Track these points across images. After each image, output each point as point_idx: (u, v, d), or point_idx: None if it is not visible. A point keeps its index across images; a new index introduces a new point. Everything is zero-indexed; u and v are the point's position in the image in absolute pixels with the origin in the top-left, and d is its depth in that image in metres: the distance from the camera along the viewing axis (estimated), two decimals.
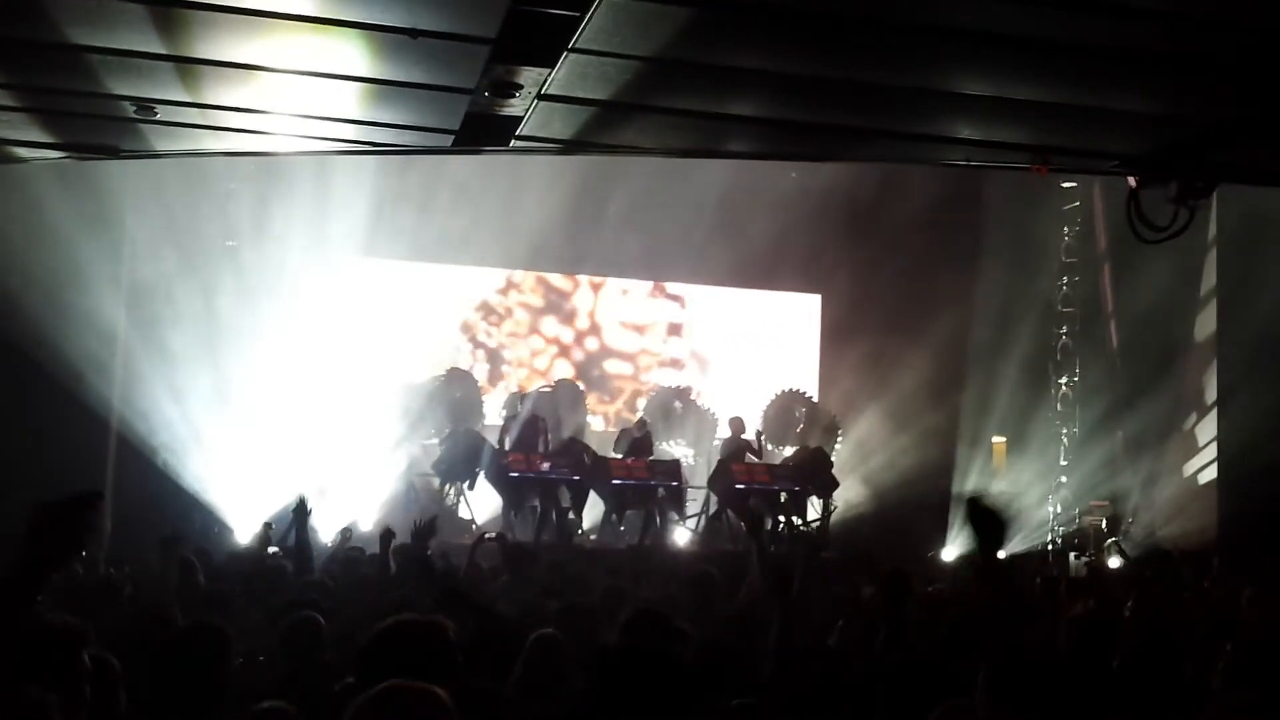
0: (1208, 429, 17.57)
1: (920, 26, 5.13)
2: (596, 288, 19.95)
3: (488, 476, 15.94)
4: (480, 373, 18.99)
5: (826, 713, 4.33)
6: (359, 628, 4.92)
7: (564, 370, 19.45)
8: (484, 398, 18.57)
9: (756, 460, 17.23)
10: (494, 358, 19.49)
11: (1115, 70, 5.52)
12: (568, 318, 19.91)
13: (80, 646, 3.87)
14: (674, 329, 20.32)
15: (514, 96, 5.80)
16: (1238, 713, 3.83)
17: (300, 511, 9.97)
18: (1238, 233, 16.38)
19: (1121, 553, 17.16)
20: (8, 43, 5.57)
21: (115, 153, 7.38)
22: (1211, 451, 17.36)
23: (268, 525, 10.89)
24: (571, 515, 15.79)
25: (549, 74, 5.47)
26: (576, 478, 15.88)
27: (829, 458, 17.79)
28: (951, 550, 17.57)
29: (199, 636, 4.70)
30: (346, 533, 11.62)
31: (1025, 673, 3.65)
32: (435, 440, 16.89)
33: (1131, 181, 6.91)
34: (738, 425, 17.53)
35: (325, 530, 13.39)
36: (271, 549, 10.27)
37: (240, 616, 6.45)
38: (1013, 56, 5.39)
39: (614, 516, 16.18)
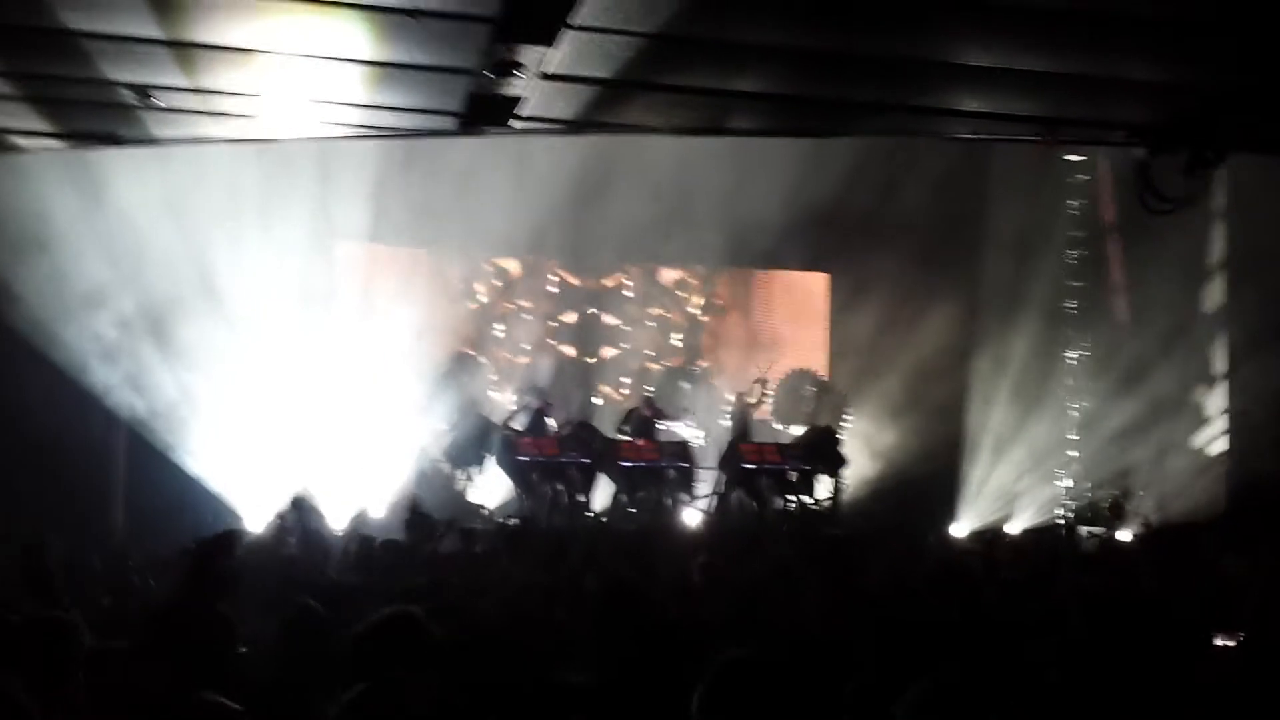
0: (1217, 400, 17.50)
1: None
2: (603, 271, 19.86)
3: (498, 461, 15.92)
4: (487, 356, 18.92)
5: None
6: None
7: (572, 353, 19.35)
8: (492, 382, 18.52)
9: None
10: (502, 342, 19.42)
11: (1124, 40, 5.45)
12: (575, 301, 19.83)
13: (73, 639, 3.88)
14: (682, 310, 20.23)
15: (515, 76, 5.75)
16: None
17: (301, 505, 10.06)
18: (1246, 203, 16.28)
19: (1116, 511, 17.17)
20: (5, 31, 5.53)
21: (116, 140, 7.34)
22: (1221, 423, 17.29)
23: (280, 516, 10.90)
24: (581, 497, 15.75)
25: (549, 52, 5.42)
26: (586, 460, 15.85)
27: (838, 435, 17.74)
28: (962, 526, 17.56)
29: (206, 622, 4.69)
30: (357, 521, 11.64)
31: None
32: (444, 426, 16.85)
33: (1141, 153, 6.85)
34: (741, 400, 17.51)
35: (337, 519, 13.42)
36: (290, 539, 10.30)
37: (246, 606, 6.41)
38: (1020, 27, 5.32)
39: (624, 498, 16.15)
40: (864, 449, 18.70)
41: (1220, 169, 6.97)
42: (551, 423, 16.47)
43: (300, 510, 10.78)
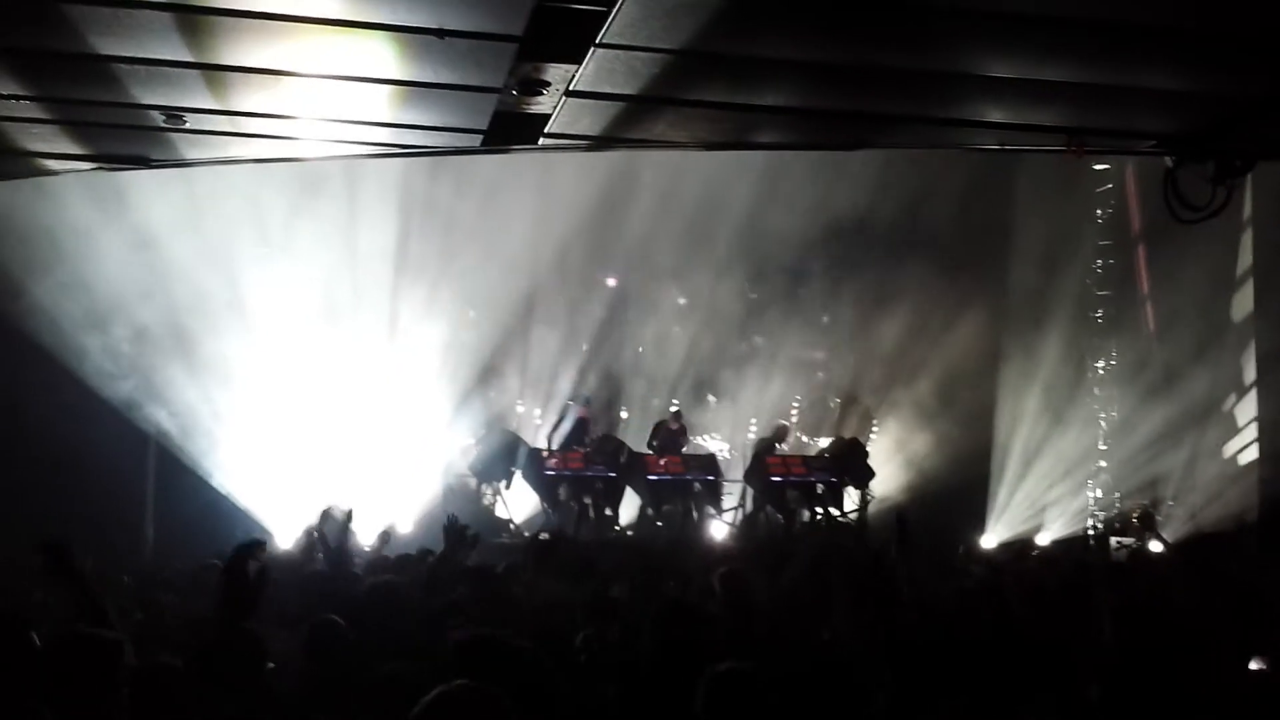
0: (1247, 409, 17.36)
1: (950, 10, 5.06)
2: (630, 284, 19.89)
3: (524, 475, 15.95)
4: (514, 373, 18.96)
5: None
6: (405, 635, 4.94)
7: (598, 369, 19.39)
8: (518, 398, 18.56)
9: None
10: (529, 356, 19.46)
11: (1149, 49, 5.43)
12: (600, 313, 19.85)
13: (116, 657, 3.90)
14: (709, 322, 20.23)
15: (542, 94, 5.77)
16: None
17: (331, 520, 10.05)
18: (1273, 211, 16.18)
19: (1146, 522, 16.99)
20: (36, 55, 5.59)
21: (146, 163, 7.39)
22: (1252, 431, 17.15)
23: (310, 530, 10.90)
24: (608, 511, 15.77)
25: (576, 70, 5.44)
26: (612, 474, 15.86)
27: (865, 448, 17.69)
28: (991, 537, 17.47)
29: (235, 642, 4.73)
30: (385, 536, 11.62)
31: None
32: (472, 441, 16.89)
33: (1168, 162, 6.82)
34: (780, 431, 17.49)
35: (364, 534, 13.43)
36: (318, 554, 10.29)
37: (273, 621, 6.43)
38: (1044, 37, 5.31)
39: (650, 511, 16.15)
40: (891, 460, 18.65)
41: (1247, 177, 6.93)
42: (589, 436, 16.57)
43: (329, 525, 10.78)
